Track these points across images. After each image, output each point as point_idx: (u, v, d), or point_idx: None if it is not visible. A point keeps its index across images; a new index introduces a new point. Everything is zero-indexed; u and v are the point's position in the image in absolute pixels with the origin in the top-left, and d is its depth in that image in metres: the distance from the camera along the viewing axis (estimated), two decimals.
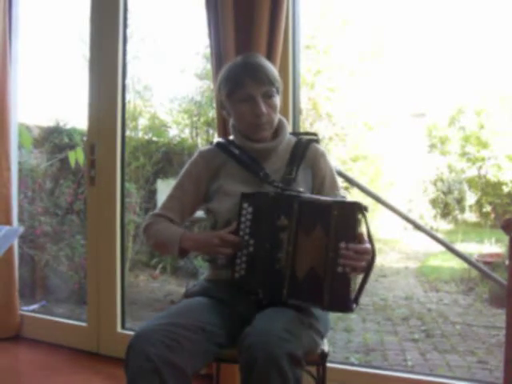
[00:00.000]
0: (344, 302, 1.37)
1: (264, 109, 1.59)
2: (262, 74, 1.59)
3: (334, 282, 1.36)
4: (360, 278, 1.42)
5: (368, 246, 1.39)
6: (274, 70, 1.66)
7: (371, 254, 1.39)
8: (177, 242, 1.59)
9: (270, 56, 2.14)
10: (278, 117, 1.67)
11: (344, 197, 1.68)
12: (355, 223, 1.37)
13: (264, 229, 1.47)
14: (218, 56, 2.21)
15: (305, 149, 1.70)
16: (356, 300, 1.38)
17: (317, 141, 1.78)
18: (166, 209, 1.69)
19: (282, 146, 1.69)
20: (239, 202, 1.51)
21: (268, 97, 1.61)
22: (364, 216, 1.39)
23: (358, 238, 1.38)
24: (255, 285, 1.47)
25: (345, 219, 1.37)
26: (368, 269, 1.39)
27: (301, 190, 1.54)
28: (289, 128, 1.75)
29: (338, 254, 1.36)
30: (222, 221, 1.60)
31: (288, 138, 1.73)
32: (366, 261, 1.38)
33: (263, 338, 1.28)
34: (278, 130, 1.70)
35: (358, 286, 1.40)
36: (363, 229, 1.40)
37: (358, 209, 1.37)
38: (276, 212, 1.46)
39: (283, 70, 2.26)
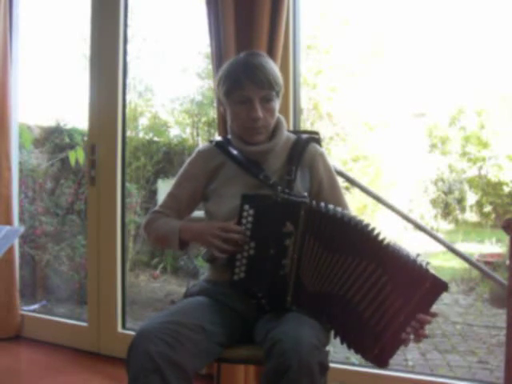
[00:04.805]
0: (386, 361, 1.36)
1: (261, 113, 1.55)
2: (263, 77, 1.54)
3: (389, 343, 1.34)
4: None
5: (430, 318, 1.37)
6: (276, 72, 1.60)
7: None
8: (176, 233, 1.58)
9: (270, 55, 2.13)
10: (275, 120, 1.63)
11: (343, 199, 1.67)
12: (435, 301, 1.36)
13: (267, 233, 1.44)
14: (219, 55, 2.21)
15: (303, 148, 1.66)
16: None
17: (317, 140, 1.74)
18: (164, 207, 1.70)
19: (280, 145, 1.65)
20: (240, 203, 1.47)
21: (266, 101, 1.57)
22: None
23: (430, 314, 1.37)
24: (256, 289, 1.44)
25: (432, 295, 1.36)
26: None
27: (305, 194, 1.51)
28: (286, 126, 1.71)
29: (408, 322, 1.34)
30: None
31: (286, 136, 1.69)
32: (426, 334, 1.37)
33: (297, 346, 1.26)
34: (274, 131, 1.65)
35: None
36: None
37: (445, 291, 1.36)
38: (281, 217, 1.42)
39: (284, 70, 2.26)
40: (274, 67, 1.62)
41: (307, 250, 1.41)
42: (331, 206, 1.45)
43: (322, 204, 1.45)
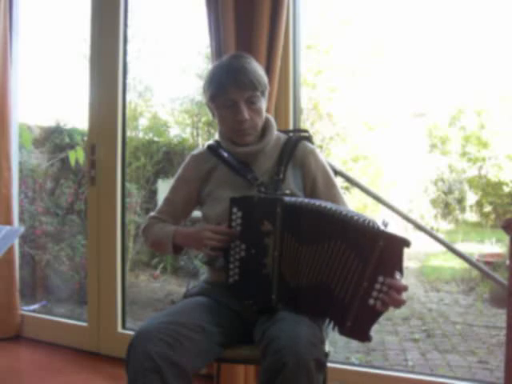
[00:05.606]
0: (364, 333, 1.32)
1: (247, 115, 1.57)
2: (245, 79, 1.55)
3: (360, 312, 1.31)
4: None
5: (404, 283, 1.31)
6: (259, 72, 1.61)
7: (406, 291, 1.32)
8: (170, 238, 1.61)
9: (270, 56, 2.14)
10: (262, 120, 1.64)
11: (340, 196, 1.66)
12: (399, 260, 1.30)
13: (251, 234, 1.46)
14: (219, 56, 2.21)
15: (293, 147, 1.67)
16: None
17: (308, 138, 1.75)
18: (160, 212, 1.75)
19: (270, 145, 1.67)
20: (229, 206, 1.49)
21: (251, 102, 1.58)
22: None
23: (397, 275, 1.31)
24: (248, 290, 1.46)
25: (390, 254, 1.30)
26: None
27: (287, 192, 1.53)
28: (276, 126, 1.72)
29: (373, 287, 1.30)
30: None
31: (277, 136, 1.71)
32: (401, 299, 1.31)
33: (293, 343, 1.26)
34: (264, 131, 1.67)
35: None
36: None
37: (405, 246, 1.30)
38: (260, 217, 1.44)
39: (284, 70, 2.27)
40: (257, 67, 1.62)
41: (287, 247, 1.42)
42: (307, 200, 1.45)
43: (299, 199, 1.46)
